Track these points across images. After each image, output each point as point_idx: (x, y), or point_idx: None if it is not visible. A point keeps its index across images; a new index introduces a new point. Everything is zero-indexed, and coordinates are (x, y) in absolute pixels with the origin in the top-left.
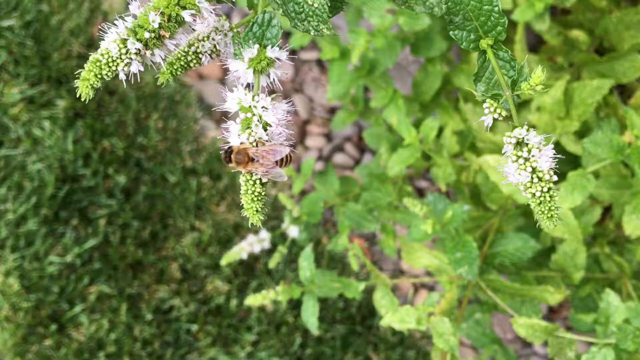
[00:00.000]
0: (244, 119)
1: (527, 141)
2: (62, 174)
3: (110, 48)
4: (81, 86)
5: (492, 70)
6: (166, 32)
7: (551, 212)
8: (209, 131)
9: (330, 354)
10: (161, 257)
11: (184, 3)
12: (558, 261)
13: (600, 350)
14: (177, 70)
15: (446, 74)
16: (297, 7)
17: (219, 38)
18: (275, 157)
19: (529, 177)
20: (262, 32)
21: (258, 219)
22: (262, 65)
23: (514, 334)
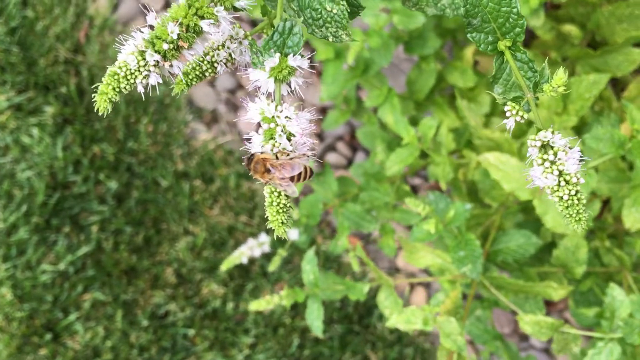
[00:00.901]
0: (267, 129)
1: (553, 144)
2: (52, 181)
3: (128, 60)
4: (99, 100)
5: (510, 72)
6: (184, 43)
7: (579, 216)
8: (200, 134)
9: (328, 354)
10: (155, 262)
11: (202, 13)
12: (560, 257)
13: (606, 345)
14: (192, 80)
15: (440, 72)
16: (315, 14)
17: (234, 46)
18: (292, 171)
19: (556, 181)
20: (283, 41)
21: (284, 230)
22: (283, 74)
23: (510, 328)
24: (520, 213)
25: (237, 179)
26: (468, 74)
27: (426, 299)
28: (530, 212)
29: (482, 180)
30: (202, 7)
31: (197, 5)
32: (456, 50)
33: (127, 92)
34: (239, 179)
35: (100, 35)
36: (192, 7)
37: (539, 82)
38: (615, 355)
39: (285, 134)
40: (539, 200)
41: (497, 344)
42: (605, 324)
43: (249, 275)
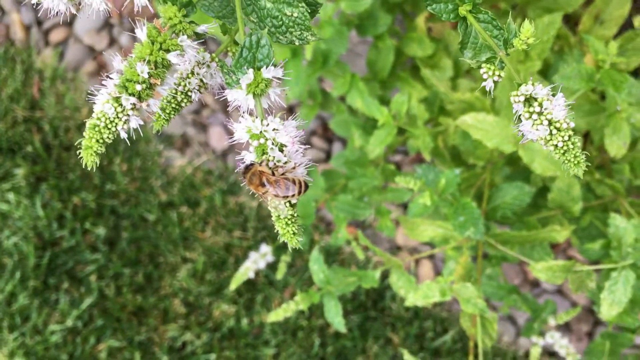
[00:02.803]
0: (257, 146)
1: (536, 95)
2: (40, 241)
3: (105, 110)
4: (85, 155)
5: (476, 35)
6: (156, 80)
7: (577, 159)
8: (175, 161)
9: (351, 346)
10: (161, 296)
11: (167, 46)
12: (555, 199)
13: (620, 274)
14: (170, 113)
15: (397, 47)
16: (276, 22)
17: (204, 71)
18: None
19: (547, 130)
20: (252, 55)
21: (297, 241)
22: (260, 88)
23: (520, 279)
24: (506, 166)
25: (222, 196)
26: (425, 43)
27: (433, 270)
28: (516, 163)
29: (462, 143)
30: (166, 41)
31: (160, 39)
32: (407, 22)
33: (110, 141)
34: (223, 196)
35: (53, 86)
36: (156, 42)
37: (509, 38)
38: (632, 281)
39: (277, 146)
40: (523, 150)
41: (514, 297)
42: (614, 253)
43: (256, 288)
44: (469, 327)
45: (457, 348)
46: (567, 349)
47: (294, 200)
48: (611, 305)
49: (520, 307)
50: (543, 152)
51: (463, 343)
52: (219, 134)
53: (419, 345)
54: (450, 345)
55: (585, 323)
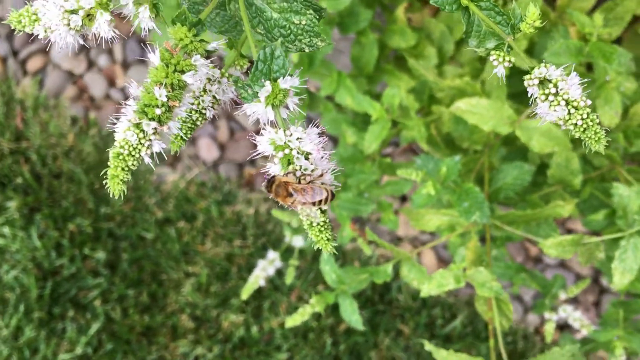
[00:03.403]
0: (282, 156)
1: (550, 77)
2: (40, 272)
3: (127, 137)
4: (112, 185)
5: (479, 23)
6: (174, 102)
7: (598, 135)
8: (167, 177)
9: (363, 342)
10: (168, 314)
11: (181, 67)
12: (555, 174)
13: (629, 241)
14: (187, 133)
15: (379, 40)
16: (284, 31)
17: (215, 87)
18: (314, 197)
19: (565, 110)
20: (268, 67)
21: (332, 247)
22: (279, 99)
23: (522, 256)
24: (502, 147)
25: (218, 207)
26: (407, 34)
27: (435, 258)
28: (512, 144)
29: (456, 129)
30: (180, 62)
31: (174, 61)
32: (387, 15)
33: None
34: (219, 206)
35: (36, 115)
36: (170, 65)
37: (515, 23)
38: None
39: (303, 155)
40: (520, 129)
41: (523, 276)
42: (620, 222)
43: (262, 295)
44: (485, 311)
45: (468, 332)
46: (581, 321)
47: (325, 207)
48: (623, 274)
49: (529, 284)
50: (540, 130)
51: (473, 326)
52: (208, 145)
53: (430, 334)
54: (461, 329)
55: (591, 293)
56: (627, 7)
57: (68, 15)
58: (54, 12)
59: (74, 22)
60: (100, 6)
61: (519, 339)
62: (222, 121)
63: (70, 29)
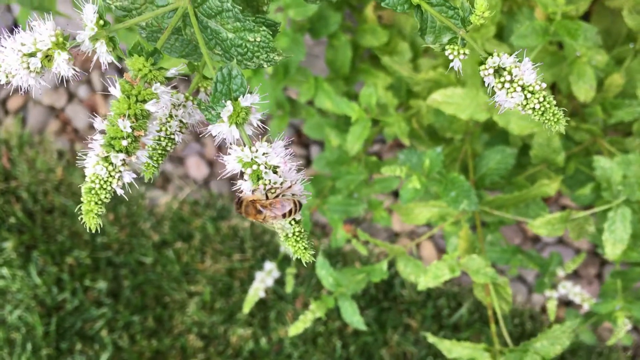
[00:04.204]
0: (251, 173)
1: (503, 65)
2: (43, 309)
3: (97, 171)
4: (87, 219)
5: (433, 19)
6: (140, 131)
7: (556, 116)
8: (159, 199)
9: (372, 341)
10: (175, 335)
11: (143, 97)
12: (537, 154)
13: (616, 212)
14: (158, 160)
15: (352, 41)
16: (240, 49)
17: (181, 112)
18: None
19: (522, 96)
20: (227, 87)
21: (309, 255)
22: (242, 117)
23: (520, 237)
24: (484, 134)
25: (214, 223)
26: (378, 32)
27: (435, 248)
28: (493, 129)
29: (436, 120)
30: (141, 92)
31: (135, 92)
32: (357, 15)
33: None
34: (215, 223)
35: (22, 153)
36: (131, 96)
37: (465, 17)
38: (629, 217)
39: (270, 169)
40: (497, 115)
41: (520, 257)
42: (606, 194)
43: (267, 306)
44: (483, 297)
45: (475, 319)
46: (582, 296)
47: (298, 217)
48: (614, 245)
49: (527, 265)
50: (517, 112)
51: (480, 312)
52: (197, 164)
53: (438, 325)
54: (468, 317)
55: (592, 266)
56: None
57: (27, 59)
58: (13, 58)
59: (33, 64)
60: (57, 46)
61: (526, 320)
62: (209, 138)
63: (30, 71)
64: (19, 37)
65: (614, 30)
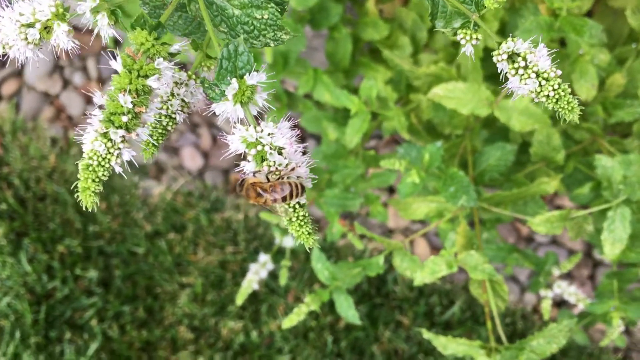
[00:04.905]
0: (255, 153)
1: (518, 50)
2: (33, 296)
3: (95, 147)
4: (83, 197)
5: (444, 4)
6: (141, 108)
7: (571, 105)
8: (153, 189)
9: (364, 336)
10: (166, 327)
11: (145, 72)
12: (537, 152)
13: (616, 211)
14: (159, 139)
15: (352, 34)
16: (247, 27)
17: (183, 91)
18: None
19: (536, 83)
20: (233, 65)
21: (313, 240)
22: (247, 96)
23: (514, 237)
24: (483, 130)
25: (207, 215)
26: (379, 25)
27: (428, 246)
28: (492, 125)
29: (436, 115)
30: (143, 67)
31: (137, 67)
32: (358, 8)
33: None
34: (208, 214)
35: (15, 139)
36: (133, 70)
37: (479, 0)
38: (628, 217)
39: (276, 150)
40: (499, 110)
41: (516, 256)
42: (606, 193)
43: (258, 299)
44: (480, 294)
45: (467, 317)
46: (577, 296)
47: (303, 201)
48: (613, 244)
49: (522, 264)
50: (519, 108)
51: (472, 311)
52: (191, 154)
53: (430, 322)
54: (460, 315)
55: (585, 267)
56: None
57: (25, 30)
58: (10, 28)
59: (32, 35)
60: (57, 17)
61: (518, 319)
62: (204, 129)
63: (28, 43)
64: (17, 7)
65: (615, 30)
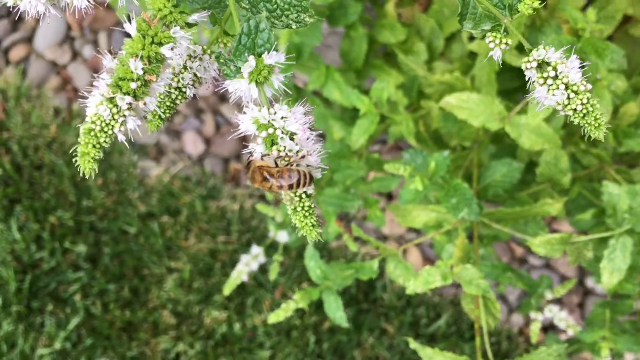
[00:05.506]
0: (266, 136)
1: (549, 59)
2: (19, 265)
3: (100, 112)
4: (82, 163)
5: (474, 5)
6: (152, 76)
7: (598, 122)
8: (151, 170)
9: (347, 340)
10: (149, 309)
11: (159, 39)
12: (544, 172)
13: (618, 240)
14: (166, 112)
15: (369, 35)
16: (270, 5)
17: (197, 65)
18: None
19: (564, 95)
20: (252, 41)
21: (317, 233)
22: (263, 75)
23: (508, 257)
24: (490, 145)
25: (203, 202)
26: (397, 29)
27: (421, 257)
28: (501, 141)
29: (444, 125)
30: (158, 34)
31: (152, 33)
32: (377, 10)
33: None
34: (204, 201)
35: (18, 105)
36: (147, 36)
37: (513, 3)
38: (629, 247)
39: (287, 135)
40: (510, 126)
41: (509, 275)
42: (610, 221)
43: (245, 291)
44: (471, 309)
45: (452, 332)
46: (567, 322)
47: (310, 191)
48: (612, 274)
49: (515, 284)
50: (530, 126)
51: (457, 326)
52: (194, 140)
53: (414, 333)
54: (445, 329)
55: (576, 295)
56: (618, 5)
57: None
58: None
59: None
60: None
61: (503, 340)
62: (208, 115)
63: None
64: None
65: (634, 58)
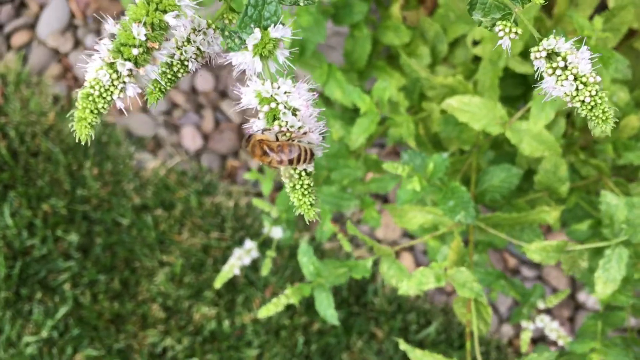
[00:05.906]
0: (268, 110)
1: (559, 50)
2: (10, 251)
3: (99, 76)
4: (78, 128)
5: None
6: (154, 43)
7: (606, 115)
8: (148, 163)
9: (335, 343)
10: (139, 302)
11: (164, 6)
12: (542, 180)
13: (614, 251)
14: (167, 84)
15: (373, 35)
16: None
17: (200, 38)
18: (289, 155)
19: (573, 86)
20: (258, 13)
21: (314, 213)
22: (268, 49)
23: (501, 266)
24: (490, 151)
25: (198, 197)
26: (402, 31)
27: (414, 262)
28: (500, 147)
29: (444, 129)
30: (163, 1)
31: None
32: (382, 11)
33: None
34: (199, 197)
35: (18, 91)
36: (152, 2)
37: None
38: (625, 258)
39: (290, 110)
40: (511, 131)
41: (502, 283)
42: (606, 231)
43: (236, 289)
44: (463, 313)
45: (442, 339)
46: (558, 332)
47: (310, 169)
48: (606, 284)
49: (508, 292)
50: (532, 132)
51: (447, 334)
52: (192, 134)
53: (404, 338)
54: (435, 336)
55: (567, 308)
56: (624, 18)
57: None
58: None
59: None
60: None
61: (492, 350)
62: (208, 111)
63: None
64: None
65: (637, 72)
